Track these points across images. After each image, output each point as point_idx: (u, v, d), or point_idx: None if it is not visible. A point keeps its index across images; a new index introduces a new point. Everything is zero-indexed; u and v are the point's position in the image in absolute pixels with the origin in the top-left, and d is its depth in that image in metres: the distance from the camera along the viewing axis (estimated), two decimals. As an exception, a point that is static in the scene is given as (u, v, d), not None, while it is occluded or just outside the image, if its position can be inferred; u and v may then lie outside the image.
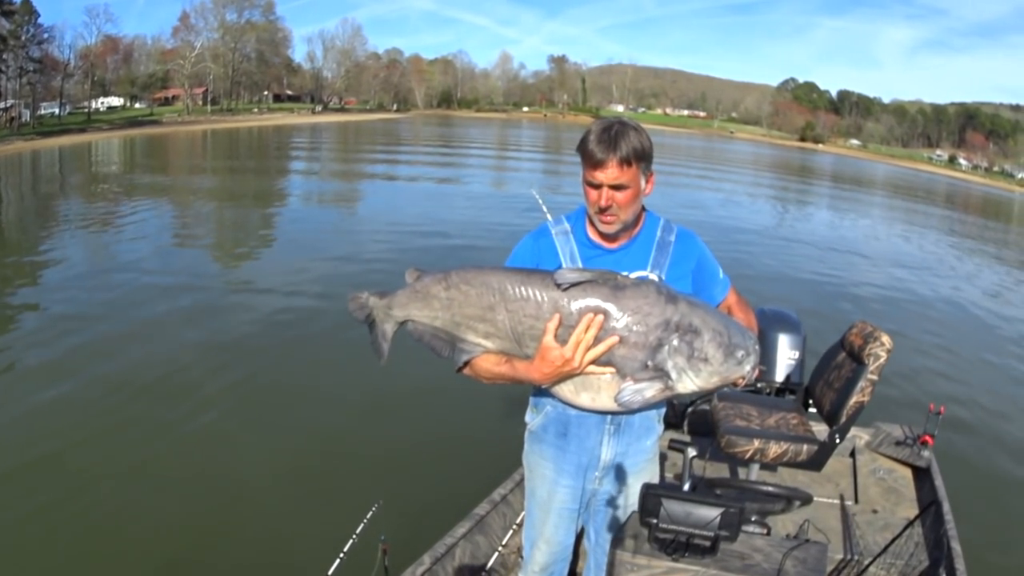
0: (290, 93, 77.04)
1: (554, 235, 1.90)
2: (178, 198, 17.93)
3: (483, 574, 2.75)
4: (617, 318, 1.59)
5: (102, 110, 55.99)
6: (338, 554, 2.42)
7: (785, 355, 3.61)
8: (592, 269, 1.64)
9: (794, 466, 3.04)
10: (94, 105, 54.89)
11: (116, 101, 59.00)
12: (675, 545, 1.61)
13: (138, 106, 60.18)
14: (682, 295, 1.64)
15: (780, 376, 3.59)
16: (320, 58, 79.96)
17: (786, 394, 3.60)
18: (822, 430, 3.00)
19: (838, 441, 2.90)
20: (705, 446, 3.54)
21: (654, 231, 1.90)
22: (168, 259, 10.73)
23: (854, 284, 11.79)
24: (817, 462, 2.95)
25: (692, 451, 2.00)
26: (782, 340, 3.63)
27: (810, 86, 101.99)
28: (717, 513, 1.57)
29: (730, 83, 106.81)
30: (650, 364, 1.60)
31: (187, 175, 23.70)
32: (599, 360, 1.62)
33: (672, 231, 1.91)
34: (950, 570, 2.75)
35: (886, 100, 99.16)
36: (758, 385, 3.56)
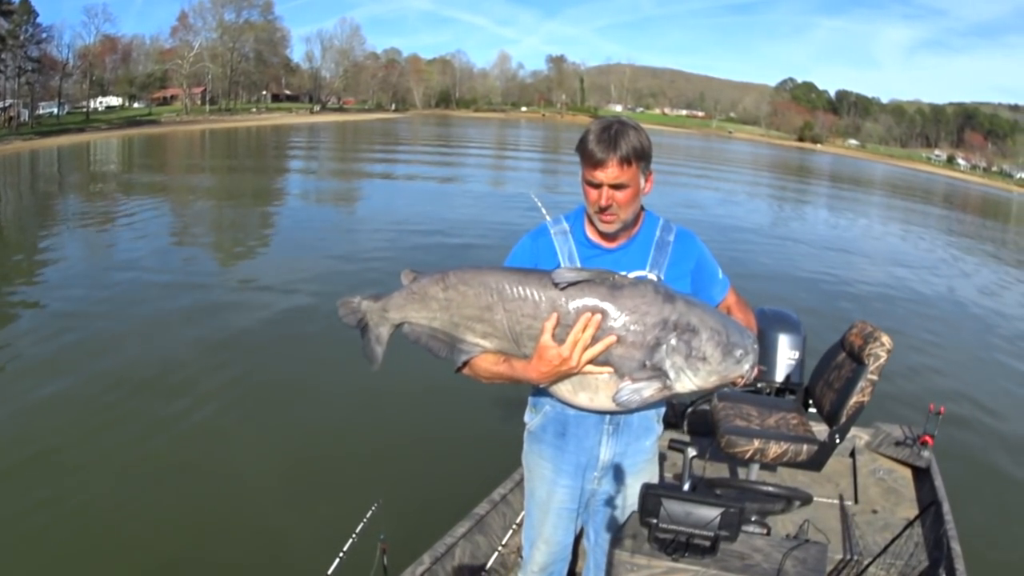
0: (288, 93, 77.07)
1: (553, 235, 1.90)
2: (176, 197, 17.92)
3: (483, 574, 2.74)
4: (615, 317, 1.58)
5: (100, 110, 55.98)
6: (337, 553, 2.41)
7: (785, 355, 3.60)
8: (590, 268, 1.63)
9: (794, 466, 3.03)
10: (92, 105, 54.88)
11: (115, 101, 59.06)
12: (675, 545, 1.61)
13: (136, 106, 60.22)
14: (680, 294, 1.63)
15: (780, 376, 3.59)
16: (318, 58, 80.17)
17: (786, 394, 3.60)
18: (822, 430, 3.00)
19: (838, 441, 2.90)
20: (705, 446, 3.53)
21: (653, 231, 1.89)
22: (166, 257, 10.74)
23: (854, 284, 11.79)
24: (817, 462, 2.95)
25: (692, 451, 1.99)
26: (782, 340, 3.62)
27: (808, 86, 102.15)
28: (717, 513, 1.57)
29: (728, 83, 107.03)
30: (648, 363, 1.60)
31: (185, 174, 23.70)
32: (597, 359, 1.61)
33: (671, 231, 1.90)
34: (950, 570, 2.75)
35: (884, 100, 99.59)
36: (758, 385, 3.55)
